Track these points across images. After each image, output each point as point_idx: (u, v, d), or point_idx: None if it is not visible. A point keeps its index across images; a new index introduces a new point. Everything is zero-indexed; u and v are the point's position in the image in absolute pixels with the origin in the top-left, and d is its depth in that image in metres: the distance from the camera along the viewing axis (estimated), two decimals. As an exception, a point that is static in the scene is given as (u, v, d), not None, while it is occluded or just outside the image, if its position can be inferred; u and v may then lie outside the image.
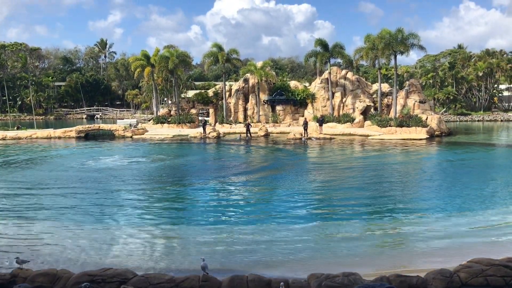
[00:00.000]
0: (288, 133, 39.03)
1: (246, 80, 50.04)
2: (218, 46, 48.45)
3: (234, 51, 48.83)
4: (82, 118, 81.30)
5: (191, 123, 47.00)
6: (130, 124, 46.87)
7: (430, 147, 31.66)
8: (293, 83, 51.08)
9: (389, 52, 39.15)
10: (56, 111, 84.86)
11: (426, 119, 38.59)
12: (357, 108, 44.42)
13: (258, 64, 49.34)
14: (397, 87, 42.50)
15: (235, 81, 61.02)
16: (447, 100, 64.32)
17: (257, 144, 34.56)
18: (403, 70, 71.59)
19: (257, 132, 40.13)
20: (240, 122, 46.80)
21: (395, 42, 38.48)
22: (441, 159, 26.65)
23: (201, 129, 40.50)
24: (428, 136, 35.55)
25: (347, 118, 43.25)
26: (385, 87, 47.35)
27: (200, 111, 53.73)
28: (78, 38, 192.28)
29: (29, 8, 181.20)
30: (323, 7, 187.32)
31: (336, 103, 45.96)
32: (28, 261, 8.73)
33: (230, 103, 49.67)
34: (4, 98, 73.82)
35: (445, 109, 64.19)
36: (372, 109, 44.42)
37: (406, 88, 43.46)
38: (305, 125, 37.42)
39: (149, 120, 53.93)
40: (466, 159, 25.75)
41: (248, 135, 38.54)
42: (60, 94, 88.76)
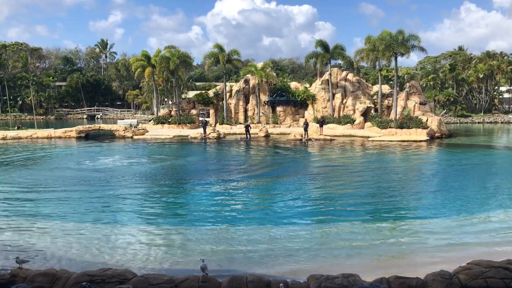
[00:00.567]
0: (289, 134, 39.02)
1: (246, 81, 50.09)
2: (219, 47, 48.50)
3: (235, 52, 48.86)
4: (83, 118, 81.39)
5: (192, 124, 47.08)
6: (130, 125, 46.90)
7: (430, 149, 31.64)
8: (293, 84, 51.17)
9: (390, 53, 39.16)
10: (57, 111, 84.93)
11: (427, 120, 38.58)
12: (358, 109, 44.44)
13: (259, 65, 49.41)
14: (398, 88, 42.51)
15: (235, 82, 61.05)
16: (447, 102, 64.33)
17: (258, 145, 34.54)
18: (404, 71, 71.61)
19: (257, 133, 40.14)
20: (240, 123, 46.84)
21: (395, 44, 38.50)
22: (441, 161, 26.63)
23: (201, 130, 40.53)
24: (429, 138, 35.53)
25: (347, 120, 43.29)
26: (386, 88, 47.37)
27: (201, 112, 53.76)
28: (78, 38, 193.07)
29: (29, 8, 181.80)
30: (324, 8, 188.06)
31: (337, 104, 45.99)
32: (28, 260, 8.73)
33: (230, 104, 49.72)
34: (5, 98, 73.86)
35: (445, 111, 64.20)
36: (372, 111, 44.43)
37: (406, 90, 43.48)
38: (306, 126, 37.43)
39: (150, 121, 53.96)
40: (466, 161, 25.73)
41: (248, 136, 38.56)
42: (60, 94, 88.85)
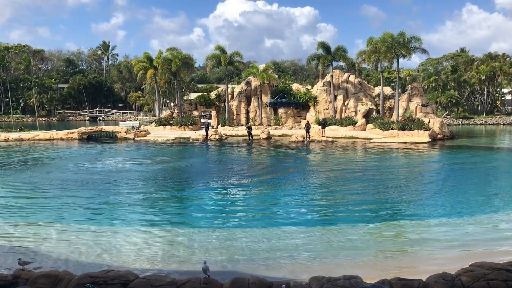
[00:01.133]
0: (290, 135, 39.02)
1: (248, 83, 50.13)
2: (221, 49, 48.57)
3: (236, 53, 48.88)
4: (85, 120, 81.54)
5: (193, 125, 47.14)
6: (132, 126, 46.95)
7: (432, 150, 31.59)
8: (295, 86, 51.18)
9: (392, 55, 39.17)
10: (59, 112, 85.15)
11: (428, 122, 38.53)
12: (359, 111, 44.42)
13: (261, 66, 49.48)
14: (399, 90, 42.50)
15: (237, 83, 61.11)
16: (449, 104, 64.22)
17: (259, 147, 34.54)
18: (406, 73, 71.58)
19: (259, 135, 40.15)
20: (242, 125, 46.87)
21: (397, 46, 38.51)
22: (443, 162, 26.59)
23: (203, 132, 40.56)
24: (431, 140, 35.47)
25: (349, 121, 43.28)
26: (387, 90, 47.37)
27: (203, 114, 53.84)
28: (81, 40, 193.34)
29: (32, 10, 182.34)
30: (325, 10, 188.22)
31: (338, 106, 45.98)
32: (30, 262, 8.74)
33: (232, 105, 49.74)
34: (7, 99, 74.14)
35: (447, 112, 64.10)
36: (374, 112, 44.41)
37: (408, 92, 43.44)
38: (308, 127, 37.44)
39: (152, 122, 54.08)
40: (469, 163, 25.70)
41: (250, 137, 38.56)
42: (63, 96, 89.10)
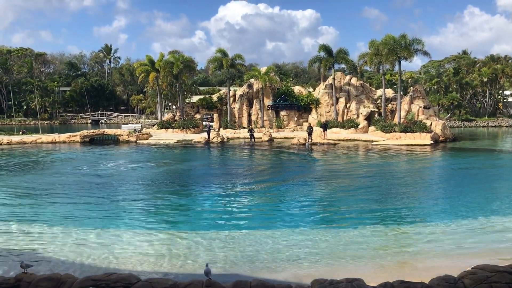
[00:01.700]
0: (292, 138, 39.00)
1: (250, 86, 50.18)
2: (223, 52, 48.66)
3: (238, 56, 48.98)
4: (87, 123, 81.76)
5: (195, 128, 47.17)
6: (134, 129, 46.99)
7: (435, 153, 31.53)
8: (297, 89, 51.24)
9: (393, 57, 39.17)
10: (61, 116, 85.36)
11: (431, 124, 38.48)
12: (361, 113, 44.41)
13: (262, 69, 49.54)
14: (401, 92, 42.45)
15: (239, 86, 61.19)
16: (451, 106, 64.14)
17: (261, 150, 34.54)
18: (407, 75, 71.50)
19: (261, 137, 40.16)
20: (244, 127, 46.89)
21: (399, 48, 38.51)
22: (446, 165, 26.54)
23: (205, 134, 40.59)
24: (433, 142, 35.41)
25: (351, 124, 43.27)
26: (389, 92, 47.34)
27: (204, 116, 53.89)
28: (83, 43, 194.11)
29: (34, 13, 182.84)
30: (327, 12, 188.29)
31: (340, 108, 45.98)
32: (32, 265, 8.74)
33: (234, 108, 49.78)
34: (10, 103, 74.36)
35: (449, 114, 64.02)
36: (376, 115, 44.39)
37: (410, 94, 43.40)
38: (310, 130, 37.44)
39: (154, 125, 54.10)
40: (471, 165, 25.63)
41: (252, 140, 38.59)
42: (65, 99, 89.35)
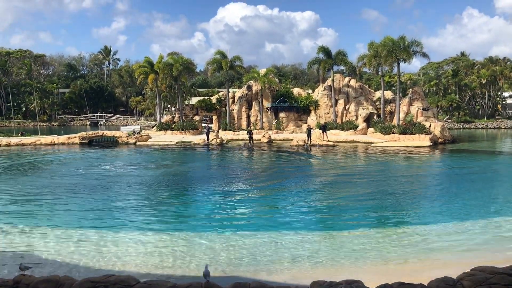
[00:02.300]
0: (291, 140, 39.00)
1: (249, 87, 50.21)
2: (222, 53, 48.68)
3: (237, 58, 48.98)
4: (86, 124, 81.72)
5: (194, 130, 47.15)
6: (133, 131, 46.97)
7: (434, 154, 31.57)
8: (296, 90, 51.26)
9: (392, 59, 39.24)
10: (60, 117, 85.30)
11: (430, 126, 38.54)
12: (360, 115, 44.44)
13: (261, 71, 49.55)
14: (400, 94, 42.53)
15: (238, 88, 61.20)
16: (450, 108, 64.26)
17: (260, 151, 34.55)
18: (406, 77, 71.62)
19: (260, 139, 40.17)
20: (243, 129, 46.89)
21: (398, 50, 38.59)
22: (445, 167, 26.57)
23: (204, 136, 40.60)
24: (432, 144, 35.46)
25: (350, 125, 43.30)
26: (388, 94, 47.42)
27: (204, 118, 53.88)
28: (82, 45, 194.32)
29: (33, 15, 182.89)
30: (326, 14, 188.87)
31: (339, 110, 46.02)
32: (31, 267, 8.72)
33: (233, 110, 49.78)
34: (9, 104, 74.28)
35: (448, 116, 64.11)
36: (375, 116, 44.43)
37: (409, 96, 43.46)
38: (309, 132, 37.45)
39: (153, 127, 54.11)
40: (470, 167, 25.66)
41: (250, 141, 38.61)
42: (64, 101, 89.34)
